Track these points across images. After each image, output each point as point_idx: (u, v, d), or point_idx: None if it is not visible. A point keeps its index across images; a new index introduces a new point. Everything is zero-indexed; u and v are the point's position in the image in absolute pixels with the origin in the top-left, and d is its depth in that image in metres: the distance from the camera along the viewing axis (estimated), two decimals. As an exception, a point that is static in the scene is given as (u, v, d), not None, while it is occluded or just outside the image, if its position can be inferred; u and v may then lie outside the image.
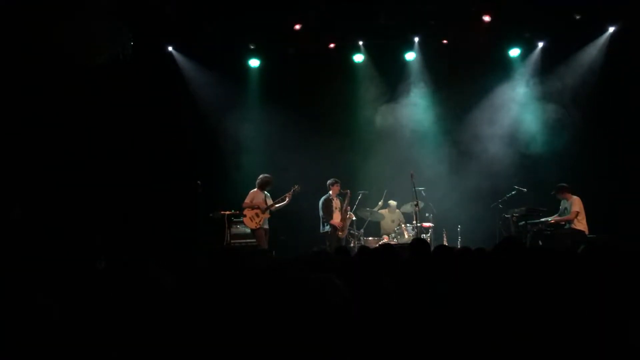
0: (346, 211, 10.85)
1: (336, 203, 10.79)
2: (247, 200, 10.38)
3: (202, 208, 10.38)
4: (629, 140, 11.09)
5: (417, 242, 5.01)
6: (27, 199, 9.92)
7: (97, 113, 10.70)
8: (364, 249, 4.60)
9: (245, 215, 10.31)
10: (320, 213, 10.72)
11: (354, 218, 11.13)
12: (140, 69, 10.93)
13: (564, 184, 10.34)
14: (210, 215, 10.45)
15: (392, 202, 11.57)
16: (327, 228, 10.67)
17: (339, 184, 10.78)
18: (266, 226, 10.47)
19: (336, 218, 10.68)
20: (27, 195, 10.00)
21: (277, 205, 10.50)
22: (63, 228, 9.75)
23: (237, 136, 12.11)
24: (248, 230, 10.48)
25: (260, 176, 10.54)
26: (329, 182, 10.81)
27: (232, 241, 10.38)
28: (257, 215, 10.31)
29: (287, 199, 10.49)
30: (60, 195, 10.26)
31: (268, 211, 10.43)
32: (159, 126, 11.39)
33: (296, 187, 10.52)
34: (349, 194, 10.84)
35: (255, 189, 10.47)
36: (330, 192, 10.77)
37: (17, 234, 9.10)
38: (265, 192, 10.53)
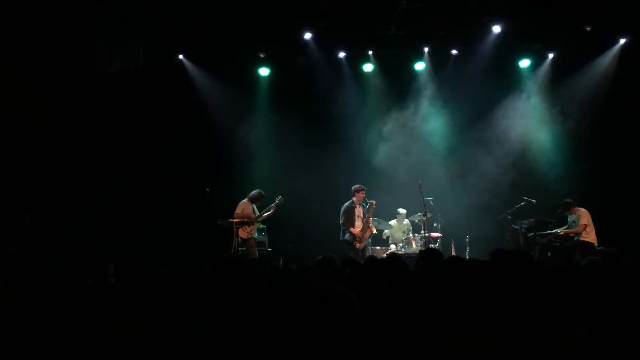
0: (368, 222, 10.39)
1: (359, 211, 10.40)
2: (237, 211, 10.47)
3: (210, 215, 10.40)
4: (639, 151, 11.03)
5: (429, 252, 4.93)
6: (37, 205, 9.99)
7: (108, 121, 10.78)
8: (371, 259, 4.57)
9: (240, 225, 10.37)
10: (341, 220, 10.33)
11: (374, 231, 10.69)
12: (151, 77, 11.01)
13: (569, 200, 10.27)
14: (219, 222, 10.47)
15: (402, 210, 11.47)
16: (347, 236, 10.24)
17: (364, 191, 10.38)
18: (256, 236, 10.60)
19: (357, 227, 10.29)
20: (37, 201, 10.07)
21: (264, 216, 10.59)
22: (72, 233, 9.82)
23: (246, 144, 12.15)
24: (255, 236, 10.58)
25: (254, 191, 10.58)
26: (353, 187, 10.44)
27: (239, 249, 10.39)
28: (248, 225, 10.39)
29: (271, 210, 10.54)
30: (70, 202, 10.33)
31: (256, 221, 10.55)
32: (168, 134, 11.46)
33: (280, 197, 10.56)
34: (373, 205, 10.40)
35: (245, 200, 10.55)
36: (354, 198, 10.39)
37: (26, 238, 9.16)
38: (254, 205, 10.58)
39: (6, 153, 10.03)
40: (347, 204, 10.43)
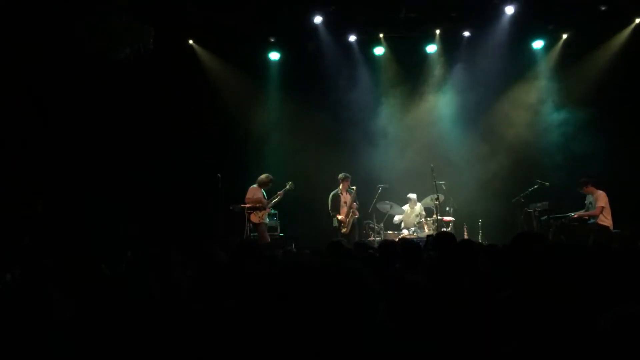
0: (350, 207, 10.74)
1: (345, 197, 10.76)
2: (248, 196, 10.50)
3: (222, 201, 10.42)
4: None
5: (442, 235, 4.87)
6: (51, 193, 10.04)
7: (120, 108, 10.79)
8: (385, 243, 4.54)
9: (252, 210, 10.40)
10: (328, 208, 10.75)
11: (357, 216, 10.92)
12: (161, 62, 10.98)
13: (586, 178, 10.11)
14: (230, 208, 10.49)
15: (412, 196, 11.42)
16: (336, 223, 10.69)
17: (348, 179, 10.78)
18: (267, 221, 10.66)
19: (342, 213, 10.67)
20: (50, 189, 10.12)
21: (273, 202, 10.64)
22: (85, 221, 9.87)
23: (257, 129, 12.14)
24: (266, 221, 10.61)
25: (263, 175, 10.61)
26: (339, 176, 10.81)
27: (251, 234, 10.42)
28: (260, 210, 10.44)
29: (280, 196, 10.60)
30: (83, 189, 10.38)
31: (267, 207, 10.60)
32: (179, 119, 11.45)
33: (290, 183, 10.63)
34: (354, 191, 10.78)
35: (255, 186, 10.58)
36: (340, 186, 10.78)
37: (40, 227, 9.22)
38: (263, 190, 10.62)
39: (19, 142, 10.08)
40: (333, 192, 10.79)
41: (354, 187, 10.80)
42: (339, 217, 10.62)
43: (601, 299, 2.36)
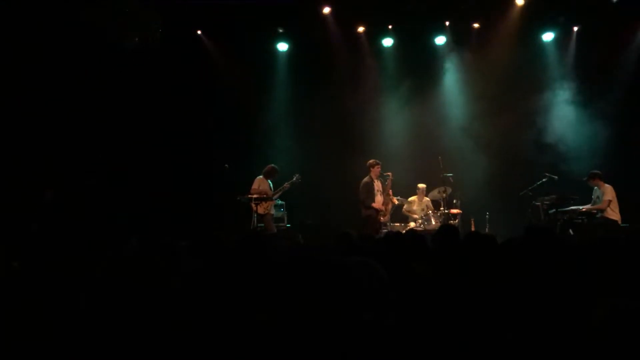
0: (388, 194, 10.49)
1: (377, 185, 10.34)
2: (254, 186, 10.47)
3: (229, 191, 10.44)
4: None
5: (445, 228, 4.82)
6: (59, 182, 10.09)
7: (126, 96, 10.81)
8: (391, 234, 4.53)
9: (258, 201, 10.39)
10: (361, 197, 10.26)
11: (396, 202, 10.74)
12: (169, 53, 10.99)
13: (596, 171, 10.07)
14: (238, 198, 10.51)
15: (421, 185, 11.31)
16: (369, 212, 10.22)
17: (379, 165, 10.35)
18: (272, 212, 10.62)
19: (378, 201, 10.28)
20: (58, 177, 10.17)
21: (279, 193, 10.58)
22: (93, 209, 9.92)
23: (265, 120, 12.13)
24: (272, 212, 10.63)
25: (268, 166, 10.58)
26: (369, 163, 10.39)
27: (258, 225, 10.44)
28: (266, 200, 10.41)
29: (285, 188, 10.52)
30: (91, 177, 10.43)
31: (273, 198, 10.56)
32: (187, 110, 11.46)
33: (297, 176, 10.52)
34: (390, 177, 10.41)
35: (261, 177, 10.55)
36: (371, 173, 10.34)
37: (49, 215, 9.28)
38: (269, 181, 10.59)
39: (27, 129, 10.13)
40: (364, 179, 10.34)
41: (390, 174, 10.41)
42: (377, 206, 10.17)
43: (605, 292, 2.35)
